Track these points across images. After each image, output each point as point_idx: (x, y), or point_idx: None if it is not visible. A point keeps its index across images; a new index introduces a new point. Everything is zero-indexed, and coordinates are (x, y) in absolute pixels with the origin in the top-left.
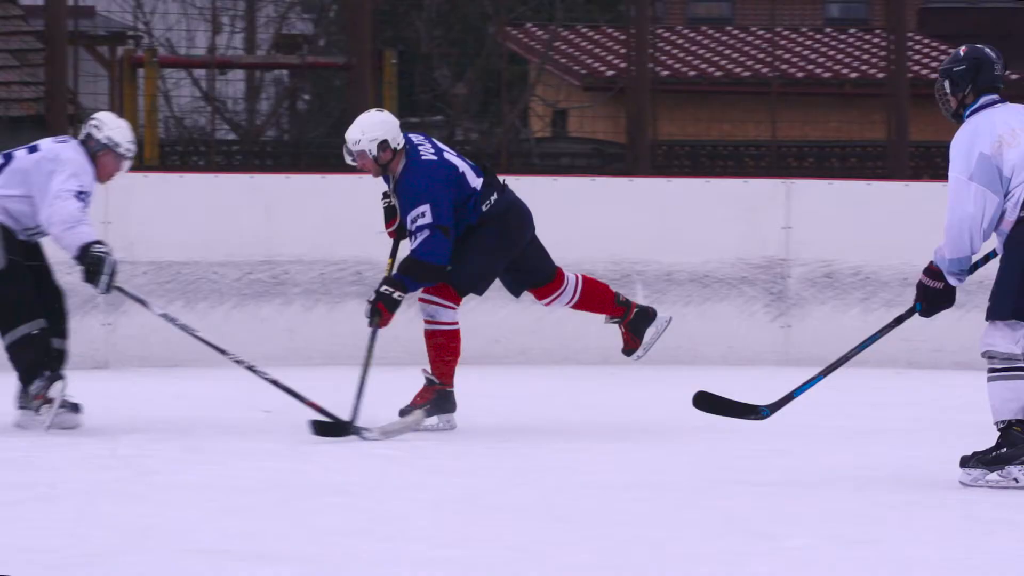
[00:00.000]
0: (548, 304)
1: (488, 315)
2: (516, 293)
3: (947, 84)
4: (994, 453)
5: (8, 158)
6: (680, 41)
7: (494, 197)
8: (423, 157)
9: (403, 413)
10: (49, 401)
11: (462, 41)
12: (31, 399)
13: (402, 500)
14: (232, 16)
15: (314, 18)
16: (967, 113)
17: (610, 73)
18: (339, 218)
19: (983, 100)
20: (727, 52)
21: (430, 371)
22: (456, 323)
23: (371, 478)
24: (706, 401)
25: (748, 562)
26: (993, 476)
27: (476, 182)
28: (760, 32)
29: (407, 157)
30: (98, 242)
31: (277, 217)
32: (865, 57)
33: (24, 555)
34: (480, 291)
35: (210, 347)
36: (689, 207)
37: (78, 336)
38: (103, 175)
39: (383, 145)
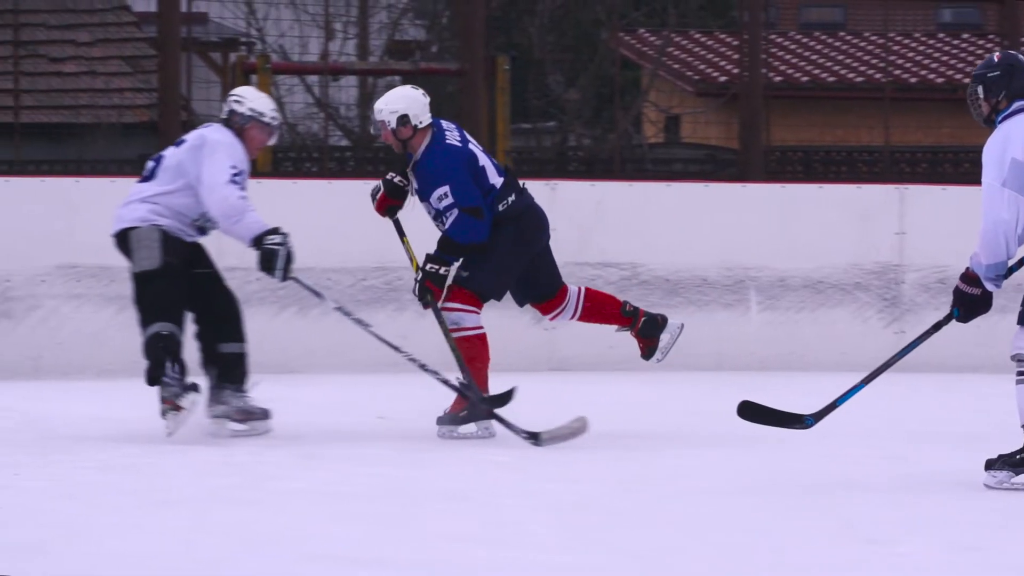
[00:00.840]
0: (552, 319)
1: None
2: (520, 303)
3: (980, 89)
4: (1020, 455)
5: (159, 158)
6: (793, 46)
7: (511, 198)
8: (447, 141)
9: (440, 421)
10: (178, 409)
11: (575, 47)
12: (161, 401)
13: (518, 506)
14: (345, 22)
15: (427, 24)
16: (999, 119)
17: (723, 79)
18: None
19: (1016, 106)
20: (840, 57)
21: (463, 378)
22: (481, 327)
23: (487, 484)
24: (750, 411)
25: (863, 569)
26: (1020, 479)
27: (496, 180)
28: (873, 37)
29: (431, 139)
30: (272, 231)
31: (391, 223)
32: (979, 62)
33: (139, 562)
34: (499, 296)
35: (384, 343)
36: (802, 213)
37: (194, 343)
38: (252, 149)
39: (403, 119)
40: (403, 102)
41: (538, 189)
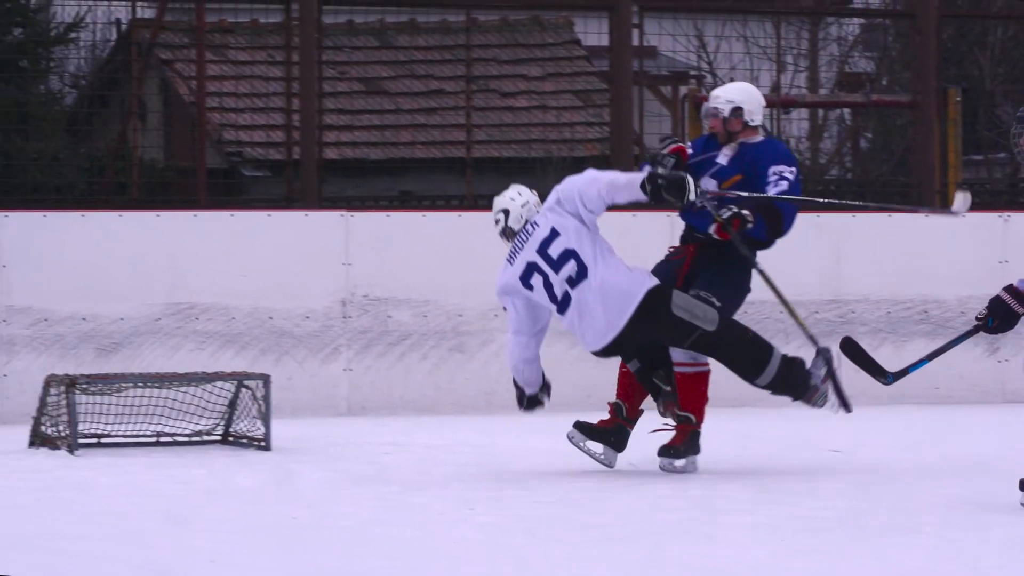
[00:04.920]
0: None
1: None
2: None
3: None
4: None
5: (570, 254)
6: None
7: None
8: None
9: (662, 453)
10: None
11: None
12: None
13: (972, 539)
14: (795, 55)
15: (877, 57)
16: None
17: None
18: (908, 256)
19: None
20: None
21: (682, 409)
22: (706, 364)
23: (937, 516)
24: (851, 348)
25: None
26: None
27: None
28: None
29: (766, 138)
30: (652, 175)
31: (845, 256)
32: None
33: None
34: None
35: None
36: None
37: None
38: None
39: (736, 111)
40: (742, 95)
41: (990, 221)
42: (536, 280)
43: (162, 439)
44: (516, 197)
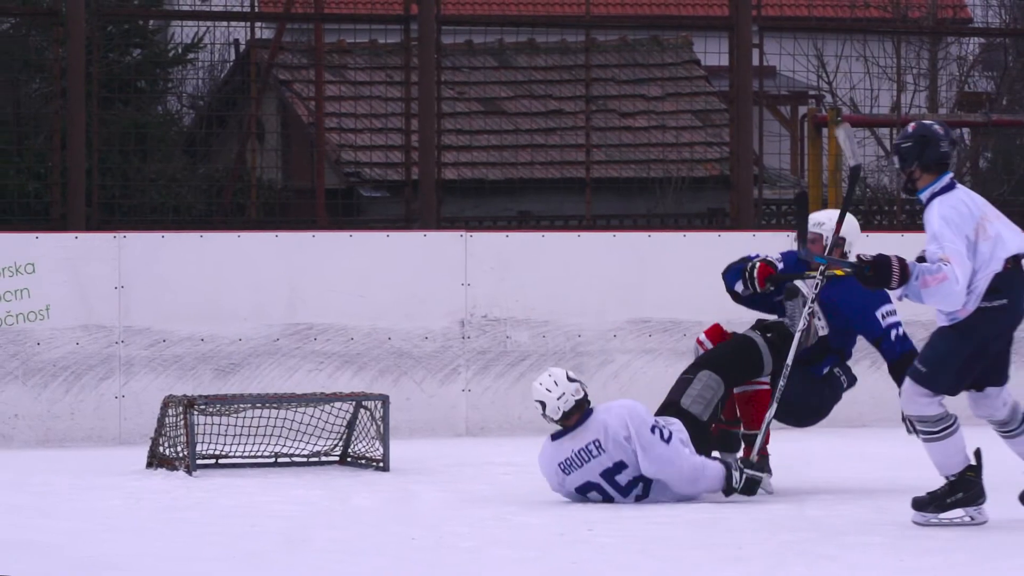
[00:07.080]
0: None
1: None
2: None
3: (896, 159)
4: (950, 499)
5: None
6: None
7: None
8: None
9: (753, 468)
10: None
11: None
12: None
13: None
14: (916, 74)
15: (997, 76)
16: (935, 190)
17: None
18: None
19: (947, 179)
20: None
21: (748, 430)
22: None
23: None
24: (800, 205)
25: None
26: (947, 515)
27: None
28: None
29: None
30: (727, 472)
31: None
32: None
33: None
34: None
35: None
36: None
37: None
38: None
39: (839, 242)
40: (846, 228)
41: None
42: (595, 496)
43: (280, 460)
44: (552, 388)
